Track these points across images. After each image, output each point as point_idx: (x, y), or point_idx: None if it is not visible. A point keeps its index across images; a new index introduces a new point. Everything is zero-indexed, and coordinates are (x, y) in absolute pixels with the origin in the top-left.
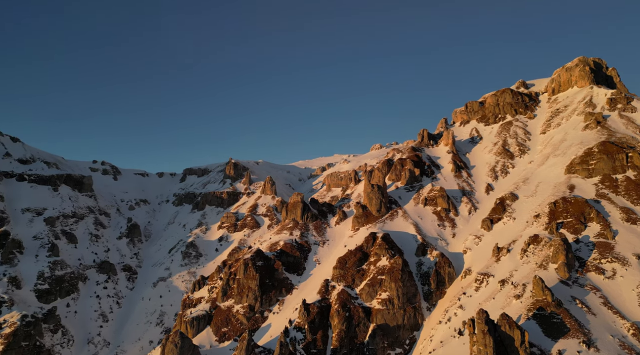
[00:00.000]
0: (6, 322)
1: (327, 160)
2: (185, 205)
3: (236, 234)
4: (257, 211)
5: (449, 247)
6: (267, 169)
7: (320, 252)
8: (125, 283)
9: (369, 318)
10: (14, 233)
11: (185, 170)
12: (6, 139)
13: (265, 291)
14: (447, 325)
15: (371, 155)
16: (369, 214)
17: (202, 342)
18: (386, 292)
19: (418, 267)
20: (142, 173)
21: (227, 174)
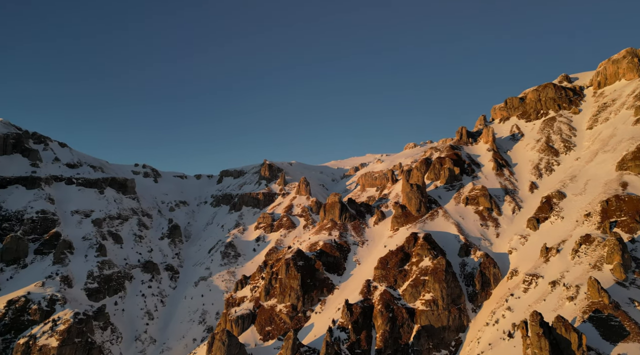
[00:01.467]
0: (60, 319)
1: (359, 160)
2: (223, 206)
3: (273, 234)
4: (292, 211)
5: (493, 247)
6: (300, 170)
7: (359, 253)
8: (168, 282)
9: (412, 319)
10: (65, 234)
11: (221, 172)
12: (55, 144)
13: (307, 291)
14: (495, 327)
15: (405, 154)
16: (408, 214)
17: (247, 340)
18: (430, 293)
19: (461, 267)
20: (180, 175)
21: (262, 175)
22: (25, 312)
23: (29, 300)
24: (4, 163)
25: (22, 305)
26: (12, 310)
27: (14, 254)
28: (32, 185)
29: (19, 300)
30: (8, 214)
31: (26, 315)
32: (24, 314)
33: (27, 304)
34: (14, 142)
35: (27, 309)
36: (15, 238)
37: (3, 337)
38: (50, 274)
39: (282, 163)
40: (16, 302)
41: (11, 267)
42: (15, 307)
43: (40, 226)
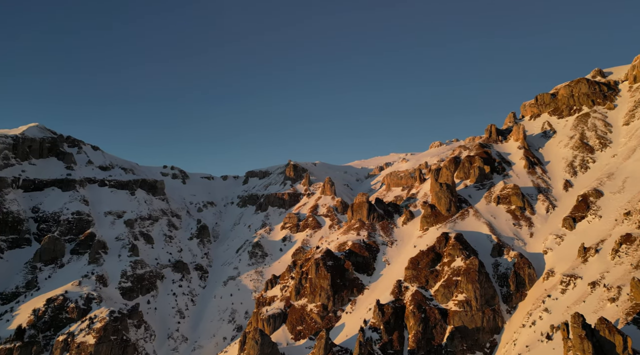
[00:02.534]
0: (96, 317)
1: (383, 159)
2: (249, 207)
3: (299, 234)
4: (317, 212)
5: (527, 247)
6: (324, 170)
7: (389, 253)
8: (198, 281)
9: (445, 320)
10: (99, 234)
11: (247, 173)
12: (88, 147)
13: (337, 291)
14: (531, 329)
15: (431, 153)
16: (438, 213)
17: (278, 339)
18: (463, 294)
19: (495, 268)
20: (207, 176)
21: (287, 176)
22: (64, 310)
23: (66, 299)
24: (40, 166)
25: (60, 303)
26: (51, 308)
27: (52, 254)
28: (68, 187)
29: (58, 299)
30: (45, 215)
31: (64, 313)
32: (63, 312)
33: (65, 303)
34: (50, 146)
35: (65, 307)
36: (52, 238)
37: (43, 334)
38: (86, 274)
39: (306, 163)
40: (55, 300)
41: (49, 266)
42: (54, 305)
43: (75, 227)
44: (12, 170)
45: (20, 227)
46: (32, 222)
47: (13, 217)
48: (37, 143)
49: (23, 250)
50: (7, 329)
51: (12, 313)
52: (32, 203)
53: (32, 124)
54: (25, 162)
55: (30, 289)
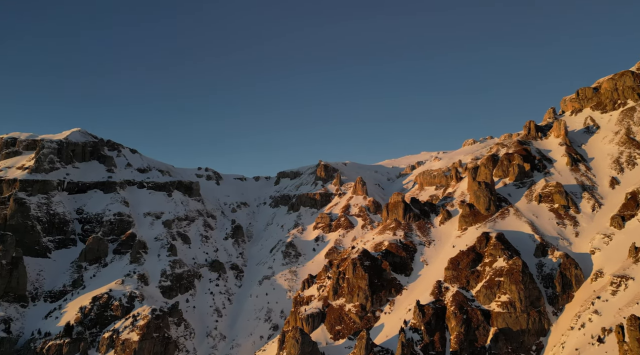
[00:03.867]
0: (139, 315)
1: (414, 158)
2: (281, 207)
3: (331, 234)
4: (349, 211)
5: (572, 247)
6: (355, 170)
7: (426, 253)
8: (234, 281)
9: (488, 321)
10: (139, 235)
11: (278, 174)
12: (127, 151)
13: (375, 291)
14: (581, 332)
15: (464, 151)
16: (476, 212)
17: (317, 338)
18: (506, 295)
19: (538, 268)
20: (240, 177)
21: (318, 176)
22: (108, 308)
23: (111, 297)
24: (83, 169)
25: (105, 301)
26: (96, 306)
27: (96, 253)
28: (109, 189)
29: (103, 297)
30: (89, 216)
31: (109, 311)
32: (107, 310)
33: (110, 301)
34: (91, 149)
35: (110, 305)
36: (96, 239)
37: (90, 330)
38: (128, 273)
39: (337, 163)
40: (100, 298)
41: (94, 266)
42: (99, 303)
43: (117, 227)
44: (58, 174)
45: (66, 228)
46: (76, 223)
47: (59, 218)
48: (80, 147)
49: (69, 250)
50: (57, 326)
51: (61, 311)
52: (77, 205)
53: (75, 128)
54: (69, 166)
55: (76, 288)
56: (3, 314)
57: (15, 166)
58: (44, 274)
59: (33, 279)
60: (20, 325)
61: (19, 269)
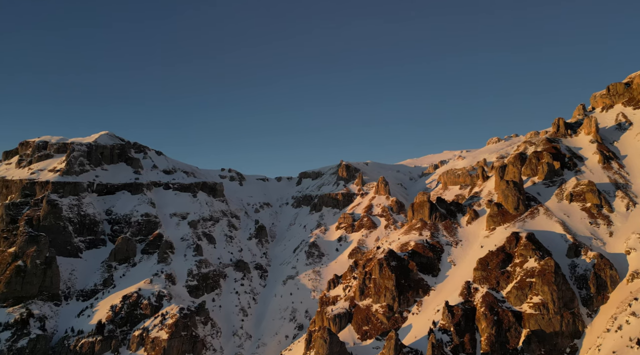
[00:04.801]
0: (168, 313)
1: (437, 157)
2: (304, 207)
3: (354, 234)
4: (372, 211)
5: (606, 247)
6: (376, 169)
7: (454, 253)
8: (258, 280)
9: (520, 323)
10: (166, 235)
11: (300, 174)
12: (152, 153)
13: (402, 291)
14: (618, 334)
15: (489, 149)
16: (505, 212)
17: (345, 339)
18: (538, 296)
19: (571, 269)
20: (262, 178)
21: (340, 176)
22: (138, 307)
23: (140, 296)
24: (112, 171)
25: (134, 300)
26: (126, 304)
27: (125, 253)
28: (136, 190)
29: (132, 296)
30: (117, 217)
31: (139, 310)
32: (137, 308)
33: (139, 299)
34: (119, 152)
35: (139, 303)
36: (125, 239)
37: (121, 328)
38: (156, 272)
39: (358, 163)
40: (130, 297)
41: (123, 265)
42: (129, 302)
43: (144, 228)
44: (87, 176)
45: (96, 229)
46: (106, 223)
47: (90, 219)
48: (108, 150)
49: (99, 250)
50: (89, 324)
51: (92, 309)
52: (106, 206)
53: (103, 132)
54: (98, 168)
55: (107, 287)
56: (38, 312)
57: (47, 169)
58: (75, 274)
59: (66, 278)
60: (54, 323)
61: (52, 269)
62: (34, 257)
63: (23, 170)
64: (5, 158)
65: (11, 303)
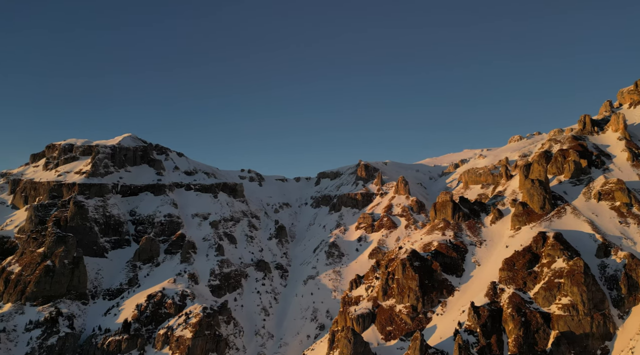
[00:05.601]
0: (191, 312)
1: (457, 156)
2: (323, 207)
3: (374, 234)
4: (392, 211)
5: (637, 247)
6: (395, 169)
7: (478, 253)
8: (279, 280)
9: (548, 324)
10: (188, 235)
11: (319, 174)
12: (174, 154)
13: (425, 292)
14: None
15: (510, 148)
16: (530, 211)
17: (369, 339)
18: (567, 297)
19: (601, 269)
20: (281, 179)
21: (359, 176)
22: (162, 306)
23: (164, 295)
24: (135, 173)
25: (159, 299)
26: (151, 303)
27: (149, 253)
28: (159, 191)
29: (157, 295)
30: (141, 217)
31: (163, 309)
32: (161, 307)
33: (163, 299)
34: (142, 154)
35: (164, 303)
36: (149, 239)
37: (146, 327)
38: (180, 272)
39: (377, 163)
40: (154, 296)
41: (147, 265)
42: (154, 301)
43: (167, 228)
44: (112, 177)
45: (120, 229)
46: (130, 224)
47: (115, 220)
48: (131, 152)
49: (124, 250)
50: (115, 323)
51: (119, 308)
52: (129, 207)
53: (126, 134)
54: (122, 170)
55: (132, 286)
56: (67, 310)
57: (74, 171)
58: (102, 273)
59: (92, 278)
60: (82, 321)
61: (79, 268)
62: (62, 257)
63: (50, 172)
64: (32, 161)
65: (41, 302)
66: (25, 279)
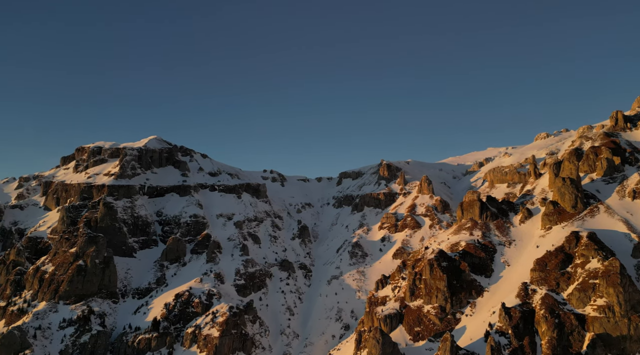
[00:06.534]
0: (218, 312)
1: (481, 154)
2: (345, 207)
3: (398, 235)
4: (415, 211)
5: None
6: (418, 168)
7: (507, 253)
8: (303, 280)
9: (583, 326)
10: (214, 235)
11: (340, 174)
12: (198, 156)
13: (454, 292)
14: None
15: (537, 145)
16: (561, 210)
17: (397, 339)
18: (602, 298)
19: (637, 270)
20: (303, 179)
21: (381, 175)
22: (190, 305)
23: (191, 295)
24: (161, 174)
25: (186, 298)
26: (179, 302)
27: (175, 253)
28: (184, 192)
29: (184, 294)
30: (167, 218)
31: (190, 308)
32: (189, 306)
33: (191, 298)
34: (167, 155)
35: (191, 302)
36: (175, 239)
37: (174, 326)
38: (206, 271)
39: (399, 162)
40: (182, 295)
41: (174, 265)
42: (181, 300)
43: (193, 229)
44: (139, 179)
45: (148, 230)
46: (157, 224)
47: (142, 220)
48: (157, 154)
49: (151, 250)
50: (145, 321)
51: (147, 307)
52: (156, 207)
53: (152, 136)
54: (148, 171)
55: (160, 285)
56: (98, 309)
57: (102, 173)
58: (131, 273)
59: (122, 277)
60: (113, 319)
61: (110, 268)
62: (94, 257)
63: (80, 174)
64: (63, 163)
65: (73, 300)
66: (59, 278)
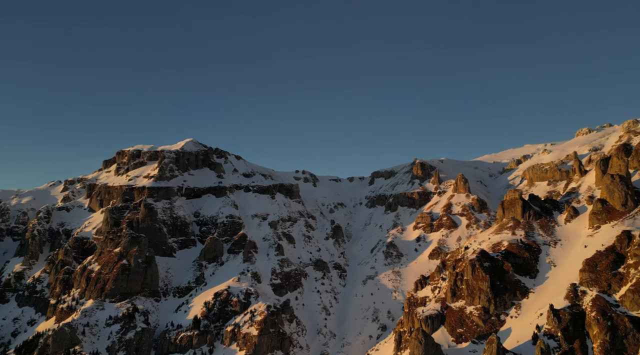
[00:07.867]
0: (256, 310)
1: (518, 152)
2: (378, 207)
3: (433, 234)
4: (451, 210)
5: None
6: (452, 167)
7: (553, 253)
8: (338, 280)
9: (638, 329)
10: (249, 236)
11: (372, 174)
12: (232, 157)
13: (497, 293)
14: None
15: (579, 141)
16: (610, 209)
17: (438, 340)
18: None
19: None
20: (335, 179)
21: (414, 175)
22: (228, 304)
23: (230, 293)
24: (197, 176)
25: (225, 297)
26: (218, 301)
27: (213, 253)
28: (220, 193)
29: (223, 293)
30: (205, 219)
31: (229, 306)
32: (228, 305)
33: (229, 297)
34: (203, 157)
35: (230, 300)
36: (213, 239)
37: (214, 324)
38: (243, 271)
39: (433, 161)
40: (221, 294)
41: (212, 264)
42: (220, 299)
43: (229, 229)
44: (177, 181)
45: (186, 230)
46: (194, 225)
47: (181, 221)
48: (193, 156)
49: (190, 250)
50: (186, 319)
51: (188, 305)
52: (193, 208)
53: (188, 139)
54: (185, 173)
55: (199, 284)
56: (142, 307)
57: (142, 175)
58: (171, 272)
59: (163, 276)
60: (155, 317)
61: (152, 267)
62: (136, 257)
63: (122, 177)
64: (105, 167)
65: (118, 298)
66: (104, 277)
